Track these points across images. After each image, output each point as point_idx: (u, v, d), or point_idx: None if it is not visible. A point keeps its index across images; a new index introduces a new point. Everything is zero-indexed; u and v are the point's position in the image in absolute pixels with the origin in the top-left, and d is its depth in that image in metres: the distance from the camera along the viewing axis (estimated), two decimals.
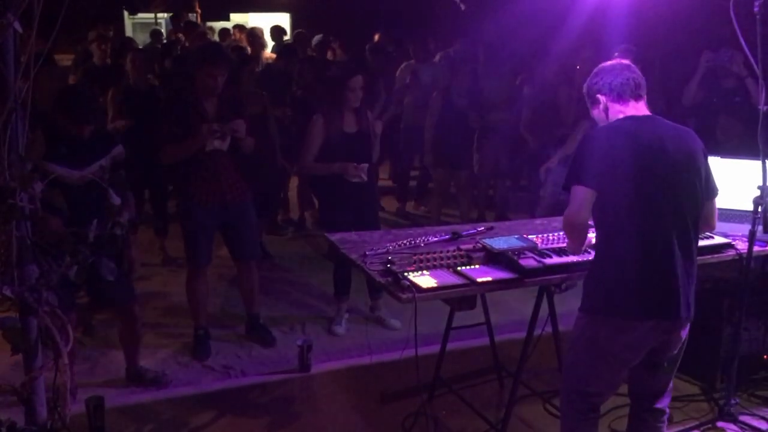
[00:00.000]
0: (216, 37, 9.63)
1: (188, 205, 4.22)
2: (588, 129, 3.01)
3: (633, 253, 2.58)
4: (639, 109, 2.71)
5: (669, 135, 2.64)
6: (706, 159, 2.72)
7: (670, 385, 2.87)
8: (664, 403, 2.87)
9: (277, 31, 9.51)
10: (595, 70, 2.80)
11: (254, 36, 8.20)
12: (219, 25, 11.68)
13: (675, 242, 2.58)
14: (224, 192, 4.16)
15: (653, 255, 2.57)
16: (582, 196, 2.61)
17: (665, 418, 2.88)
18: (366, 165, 4.39)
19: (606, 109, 2.74)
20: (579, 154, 2.69)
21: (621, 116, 2.70)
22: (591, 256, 2.83)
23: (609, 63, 2.79)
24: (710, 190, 2.74)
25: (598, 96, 2.75)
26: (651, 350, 2.68)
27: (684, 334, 2.70)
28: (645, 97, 2.74)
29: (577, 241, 2.79)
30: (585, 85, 2.83)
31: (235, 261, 4.52)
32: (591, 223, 2.69)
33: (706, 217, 2.74)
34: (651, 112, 2.75)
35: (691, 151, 2.66)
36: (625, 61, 2.79)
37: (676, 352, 2.74)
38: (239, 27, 10.34)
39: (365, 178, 4.38)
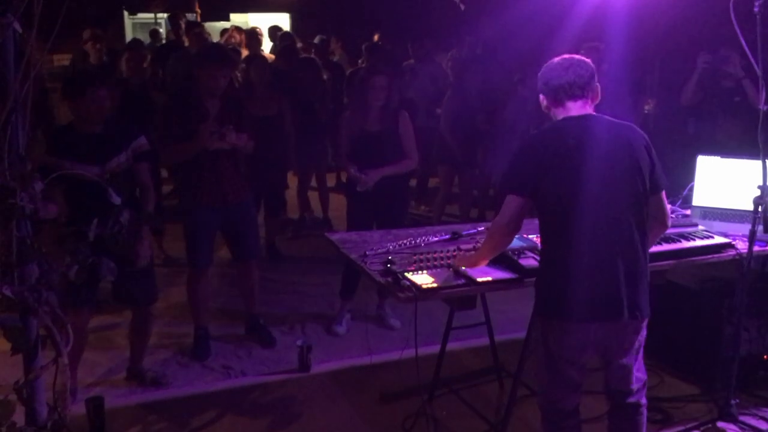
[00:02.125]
0: (212, 38, 9.60)
1: (190, 206, 4.22)
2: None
3: (571, 255, 2.56)
4: (578, 108, 2.67)
5: (605, 133, 2.62)
6: (650, 153, 2.66)
7: (642, 379, 2.83)
8: (637, 398, 2.84)
9: (273, 32, 9.49)
10: (546, 65, 2.76)
11: (251, 36, 8.16)
12: (219, 25, 11.68)
13: (614, 242, 2.56)
14: (226, 192, 4.15)
15: (590, 256, 2.55)
16: (515, 205, 2.64)
17: (642, 410, 2.85)
18: (372, 177, 4.36)
19: (548, 108, 2.74)
20: (512, 161, 2.70)
21: (562, 115, 2.69)
22: None
23: (554, 61, 2.73)
24: (655, 185, 2.67)
25: (541, 96, 2.75)
26: (604, 350, 2.69)
27: (635, 335, 2.68)
28: (587, 95, 2.67)
29: (492, 251, 2.83)
30: None
31: (235, 261, 4.52)
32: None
33: (655, 215, 2.70)
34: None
35: (629, 146, 2.62)
36: (575, 57, 2.71)
37: (631, 352, 2.71)
38: (237, 28, 10.33)
39: (368, 186, 4.36)
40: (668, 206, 2.81)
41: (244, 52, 7.99)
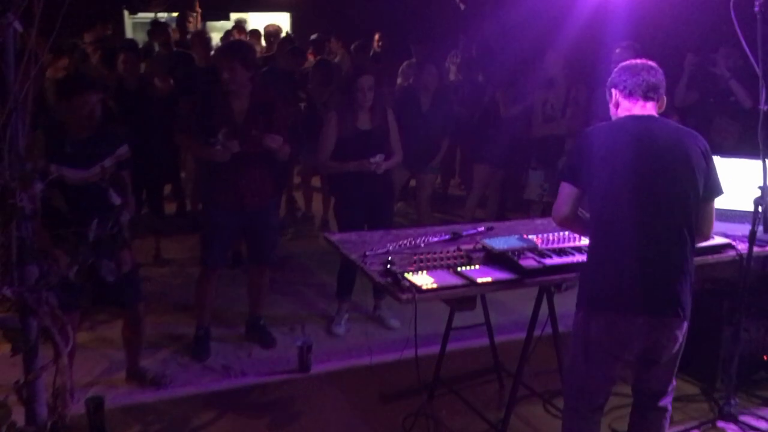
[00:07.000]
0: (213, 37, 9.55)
1: (207, 205, 4.28)
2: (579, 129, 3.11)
3: (619, 248, 2.62)
4: (645, 109, 2.75)
5: (664, 135, 2.68)
6: (707, 160, 2.72)
7: (673, 383, 2.87)
8: (665, 402, 2.87)
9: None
10: (620, 65, 2.85)
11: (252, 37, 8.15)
12: (219, 24, 11.68)
13: (663, 240, 2.60)
14: (242, 195, 4.12)
15: (639, 252, 2.60)
16: (566, 192, 2.75)
17: (667, 415, 2.89)
18: (382, 155, 4.40)
19: (616, 104, 2.82)
20: (571, 151, 2.80)
21: (625, 114, 2.76)
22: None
23: (634, 61, 2.83)
24: (709, 191, 2.72)
25: (613, 90, 2.83)
26: (645, 347, 2.70)
27: (679, 333, 2.69)
28: (657, 100, 2.76)
29: (577, 232, 2.98)
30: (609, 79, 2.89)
31: (249, 262, 4.56)
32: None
33: (699, 223, 2.71)
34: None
35: (686, 151, 2.66)
36: (651, 63, 2.81)
37: (673, 351, 2.73)
38: (238, 27, 10.33)
39: (382, 167, 4.39)
40: (714, 220, 2.81)
41: None
